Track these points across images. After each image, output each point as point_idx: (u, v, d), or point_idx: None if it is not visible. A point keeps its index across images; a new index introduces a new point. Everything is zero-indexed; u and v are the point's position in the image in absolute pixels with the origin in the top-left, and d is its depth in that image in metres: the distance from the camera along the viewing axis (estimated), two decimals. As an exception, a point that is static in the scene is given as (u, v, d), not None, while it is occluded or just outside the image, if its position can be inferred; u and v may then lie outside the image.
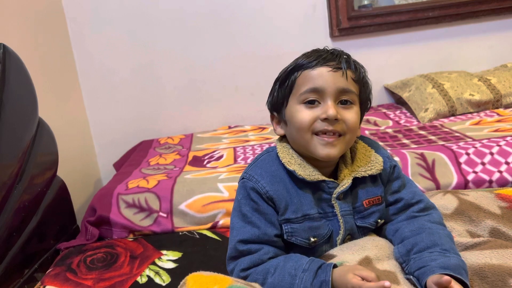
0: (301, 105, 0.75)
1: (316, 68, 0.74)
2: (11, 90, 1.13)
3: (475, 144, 1.32)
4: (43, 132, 1.30)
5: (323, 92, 0.73)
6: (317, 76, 0.74)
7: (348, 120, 0.74)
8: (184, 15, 2.04)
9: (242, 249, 0.75)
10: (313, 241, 0.76)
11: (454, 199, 0.96)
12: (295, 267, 0.70)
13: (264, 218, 0.75)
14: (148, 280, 0.97)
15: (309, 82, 0.74)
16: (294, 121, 0.76)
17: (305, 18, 2.07)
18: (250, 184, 0.77)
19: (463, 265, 0.70)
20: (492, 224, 0.87)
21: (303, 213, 0.76)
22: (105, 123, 2.10)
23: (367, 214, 0.80)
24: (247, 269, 0.74)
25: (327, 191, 0.78)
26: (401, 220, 0.82)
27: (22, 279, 1.10)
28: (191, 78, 2.09)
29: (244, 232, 0.75)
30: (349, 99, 0.75)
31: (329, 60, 0.74)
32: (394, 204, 0.84)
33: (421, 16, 2.07)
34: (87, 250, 1.13)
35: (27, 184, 1.17)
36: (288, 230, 0.76)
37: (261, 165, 0.80)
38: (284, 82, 0.78)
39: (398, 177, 0.84)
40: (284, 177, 0.77)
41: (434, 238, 0.74)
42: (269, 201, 0.76)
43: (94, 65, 2.04)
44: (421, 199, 0.83)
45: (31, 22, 1.63)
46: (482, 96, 1.81)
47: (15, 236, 1.11)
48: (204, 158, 1.61)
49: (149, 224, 1.21)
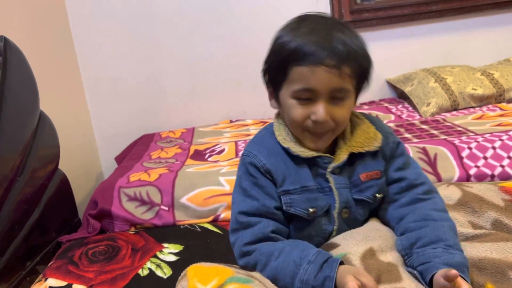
0: (294, 100, 0.74)
1: (309, 66, 0.70)
2: (12, 83, 1.13)
3: (477, 138, 1.32)
4: (44, 125, 1.30)
5: (316, 92, 0.72)
6: (310, 76, 0.71)
7: (338, 118, 0.74)
8: (186, 10, 2.02)
9: (242, 220, 0.76)
10: (311, 211, 0.77)
11: (458, 190, 0.96)
12: (301, 256, 0.70)
13: (263, 191, 0.77)
14: (149, 273, 0.97)
15: (302, 81, 0.72)
16: (287, 114, 0.77)
17: (307, 11, 2.06)
18: (248, 159, 0.79)
19: (465, 262, 0.70)
20: (495, 216, 0.87)
21: (301, 185, 0.77)
22: (106, 117, 2.09)
23: (364, 187, 0.80)
24: (250, 243, 0.74)
25: (322, 166, 0.78)
26: (405, 204, 0.80)
27: (24, 272, 1.11)
28: (193, 72, 2.09)
29: (244, 204, 0.77)
30: (342, 96, 0.74)
31: (324, 55, 0.69)
32: (398, 183, 0.82)
33: (424, 9, 2.06)
34: (88, 243, 1.13)
35: (28, 177, 1.17)
36: (287, 201, 0.77)
37: (258, 141, 0.82)
38: (279, 65, 0.75)
39: (402, 154, 0.83)
40: (281, 152, 0.79)
41: (438, 232, 0.73)
42: (267, 174, 0.77)
43: (96, 58, 2.03)
44: (425, 181, 0.82)
45: (32, 15, 1.63)
46: (484, 90, 1.81)
47: (17, 229, 1.11)
48: (206, 152, 1.61)
49: (150, 217, 1.21)
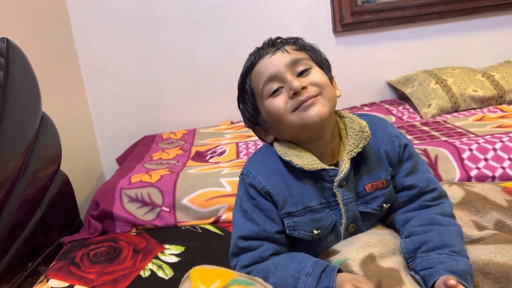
0: (269, 99, 0.75)
1: (259, 61, 0.76)
2: (14, 85, 1.13)
3: (478, 140, 1.32)
4: (46, 127, 1.30)
5: (277, 75, 0.74)
6: (265, 67, 0.75)
7: (314, 80, 0.73)
8: (188, 12, 2.03)
9: (242, 245, 0.75)
10: (316, 233, 0.75)
11: (461, 190, 0.96)
12: (298, 270, 0.69)
13: (264, 214, 0.75)
14: (151, 274, 0.97)
15: (262, 76, 0.75)
16: (271, 115, 0.75)
17: (308, 14, 2.07)
18: (248, 180, 0.77)
19: (470, 270, 0.69)
20: (497, 217, 0.87)
21: (304, 206, 0.75)
22: (108, 118, 2.10)
23: (370, 199, 0.77)
24: (247, 266, 0.74)
25: (328, 179, 0.75)
26: (412, 209, 0.78)
27: (25, 273, 1.11)
28: (194, 73, 2.09)
29: (244, 228, 0.75)
30: (304, 67, 0.75)
31: (265, 49, 0.76)
32: (407, 190, 0.79)
33: (424, 11, 2.06)
34: (90, 244, 1.14)
35: (30, 178, 1.18)
36: (289, 224, 0.75)
37: (258, 159, 0.79)
38: (245, 92, 0.79)
39: (410, 157, 0.80)
40: (282, 170, 0.76)
41: (444, 238, 0.72)
42: (267, 196, 0.75)
43: (97, 60, 2.04)
44: (436, 187, 0.79)
45: (34, 17, 1.63)
46: (485, 92, 1.81)
47: (18, 230, 1.11)
48: (207, 153, 1.61)
49: (152, 219, 1.22)
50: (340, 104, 2.11)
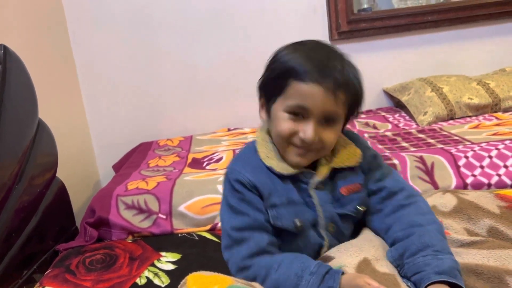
0: (286, 114, 0.75)
1: (309, 83, 0.71)
2: (11, 91, 1.13)
3: (474, 147, 1.33)
4: (43, 133, 1.30)
5: (309, 111, 0.73)
6: (307, 94, 0.72)
7: (326, 140, 0.75)
8: (186, 18, 2.04)
9: (235, 236, 0.76)
10: (298, 224, 0.77)
11: (453, 198, 0.96)
12: (302, 268, 0.70)
13: (251, 206, 0.77)
14: (147, 282, 0.97)
15: (299, 98, 0.73)
16: (276, 126, 0.77)
17: (305, 21, 2.08)
18: (233, 176, 0.78)
19: (456, 265, 0.71)
20: (490, 223, 0.88)
21: (287, 198, 0.78)
22: (104, 125, 2.10)
23: (346, 201, 0.81)
24: (247, 258, 0.74)
25: (305, 181, 0.79)
26: (389, 213, 0.81)
27: (21, 280, 1.10)
28: (191, 80, 2.10)
29: (235, 220, 0.77)
30: (333, 120, 0.75)
31: (323, 76, 0.71)
32: (378, 193, 0.84)
33: (420, 20, 2.08)
34: (86, 251, 1.13)
35: (26, 185, 1.17)
36: (273, 214, 0.77)
37: (242, 158, 0.83)
38: (276, 79, 0.76)
39: (379, 166, 0.86)
40: (265, 169, 0.79)
41: (424, 239, 0.74)
42: (253, 189, 0.77)
43: (94, 66, 2.04)
44: (404, 187, 0.84)
45: (31, 23, 1.63)
46: (480, 100, 1.82)
47: (14, 237, 1.11)
48: (204, 160, 1.61)
49: (148, 226, 1.21)
50: (337, 112, 2.13)
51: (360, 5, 2.14)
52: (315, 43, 0.80)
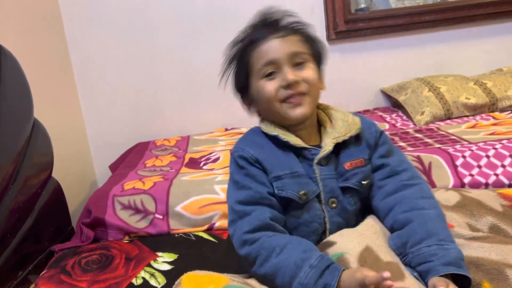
0: (263, 79, 0.80)
1: (264, 41, 0.81)
2: (6, 91, 1.13)
3: (471, 147, 1.33)
4: (38, 133, 1.29)
5: (277, 62, 0.79)
6: (267, 50, 0.80)
7: (307, 77, 0.80)
8: (183, 18, 2.03)
9: (238, 209, 0.77)
10: (303, 193, 0.79)
11: (457, 194, 0.97)
12: (302, 258, 0.69)
13: (255, 180, 0.79)
14: (143, 282, 0.96)
15: (262, 58, 0.80)
16: (261, 96, 0.81)
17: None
18: (237, 153, 0.82)
19: (461, 255, 0.71)
20: (492, 221, 0.88)
21: (291, 170, 0.80)
22: (101, 125, 2.09)
23: (349, 175, 0.82)
24: (249, 232, 0.75)
25: (309, 157, 0.81)
26: (391, 192, 0.82)
27: (15, 281, 1.10)
28: (188, 80, 2.09)
29: (238, 194, 0.79)
30: (302, 60, 0.81)
31: (273, 29, 0.82)
32: (381, 169, 0.85)
33: (417, 20, 2.08)
34: (82, 252, 1.12)
35: (21, 185, 1.16)
36: (278, 185, 0.79)
37: (246, 137, 0.86)
38: (240, 62, 0.85)
39: (385, 143, 0.87)
40: (269, 144, 0.82)
41: (427, 227, 0.74)
42: (255, 163, 0.80)
43: (91, 65, 2.03)
44: (408, 168, 0.85)
45: (27, 23, 1.62)
46: (478, 99, 1.82)
47: (9, 238, 1.10)
48: (201, 160, 1.61)
49: (144, 226, 1.20)
50: (334, 111, 2.13)
51: (358, 5, 2.14)
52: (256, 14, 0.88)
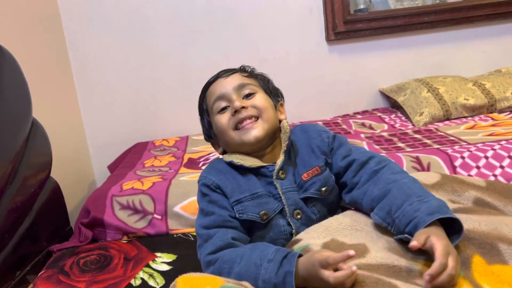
0: (217, 115, 0.87)
1: (214, 82, 0.90)
2: (4, 90, 1.12)
3: (470, 148, 1.33)
4: (37, 133, 1.29)
5: (225, 95, 0.86)
6: (216, 88, 0.89)
7: (255, 103, 0.85)
8: (181, 18, 2.03)
9: (202, 233, 0.81)
10: (263, 213, 0.81)
11: (437, 174, 0.93)
12: (260, 257, 0.71)
13: (217, 205, 0.83)
14: (142, 283, 0.96)
15: (213, 94, 0.88)
16: (218, 130, 0.87)
17: (301, 22, 2.08)
18: (200, 182, 0.86)
19: (442, 203, 0.72)
20: (476, 195, 0.84)
21: (250, 192, 0.83)
22: (99, 125, 2.08)
23: (308, 185, 0.85)
24: (213, 252, 0.77)
25: (268, 174, 0.85)
26: (365, 181, 0.83)
27: (13, 281, 1.09)
28: (187, 80, 2.09)
29: (203, 220, 0.82)
30: (250, 91, 0.87)
31: (219, 74, 0.91)
32: (349, 167, 0.86)
33: (416, 21, 2.08)
34: (80, 252, 1.12)
35: (19, 185, 1.16)
36: (239, 209, 0.82)
37: (210, 166, 0.90)
38: (202, 109, 0.93)
39: (342, 144, 0.89)
40: (229, 170, 0.86)
41: (405, 190, 0.75)
42: (217, 189, 0.84)
43: (89, 66, 2.03)
44: (373, 155, 0.86)
45: (26, 23, 1.62)
46: (476, 100, 1.83)
47: (7, 238, 1.10)
48: (200, 160, 1.60)
49: (143, 226, 1.20)
50: (334, 112, 2.13)
51: (357, 6, 2.14)
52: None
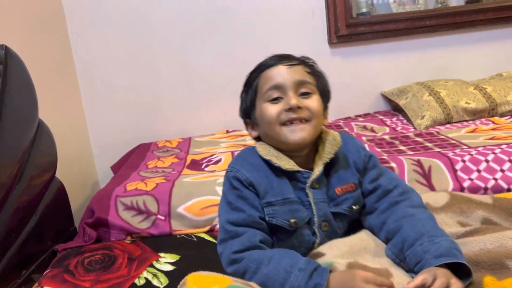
0: (267, 103, 0.83)
1: (274, 67, 0.84)
2: (12, 91, 1.14)
3: (470, 151, 1.34)
4: (42, 134, 1.30)
5: (283, 87, 0.82)
6: (275, 74, 0.83)
7: (310, 106, 0.82)
8: (184, 19, 2.05)
9: (230, 229, 0.79)
10: (293, 222, 0.80)
11: (446, 194, 0.95)
12: (291, 264, 0.71)
13: (247, 203, 0.80)
14: (146, 282, 0.97)
15: (270, 81, 0.83)
16: (263, 118, 0.83)
17: (304, 24, 2.09)
18: (231, 174, 0.83)
19: (453, 245, 0.72)
20: (483, 215, 0.86)
21: (283, 197, 0.81)
22: (103, 126, 2.10)
23: (340, 201, 0.84)
24: (238, 251, 0.76)
25: (302, 180, 0.83)
26: (384, 210, 0.84)
27: (19, 280, 1.10)
28: (190, 81, 2.10)
29: (231, 215, 0.80)
30: (308, 90, 0.83)
31: (284, 58, 0.85)
32: (374, 192, 0.86)
33: (418, 24, 2.09)
34: (84, 251, 1.13)
35: (26, 185, 1.17)
36: (269, 212, 0.80)
37: (241, 157, 0.87)
38: (250, 86, 0.87)
39: (374, 166, 0.89)
40: (264, 166, 0.83)
41: (418, 228, 0.76)
42: (249, 186, 0.81)
43: (94, 67, 2.04)
44: (398, 184, 0.86)
45: (31, 24, 1.64)
46: (477, 104, 1.84)
47: (13, 237, 1.11)
48: (202, 161, 1.62)
49: (147, 227, 1.22)
50: (335, 115, 2.14)
51: (359, 9, 2.15)
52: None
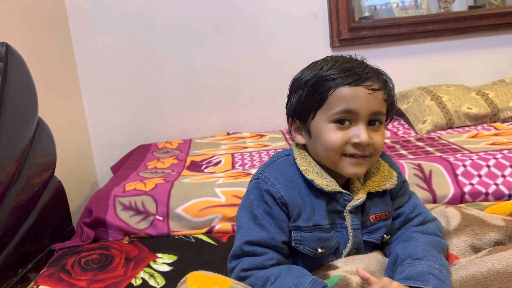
0: (331, 124, 0.73)
1: (352, 87, 0.71)
2: (12, 89, 1.14)
3: (472, 156, 1.33)
4: (42, 132, 1.30)
5: (357, 114, 0.72)
6: (353, 97, 0.71)
7: (377, 143, 0.74)
8: (185, 21, 2.05)
9: (247, 250, 0.73)
10: (320, 252, 0.76)
11: (457, 213, 0.92)
12: (296, 283, 0.69)
13: (275, 223, 0.74)
14: (142, 283, 0.96)
15: (344, 102, 0.71)
16: (323, 140, 0.74)
17: (306, 28, 2.09)
18: (265, 186, 0.75)
19: (429, 270, 0.69)
20: (496, 238, 0.84)
21: (314, 223, 0.75)
22: (103, 126, 2.10)
23: (374, 229, 0.80)
24: (247, 270, 0.73)
25: (341, 203, 0.77)
26: (398, 235, 0.81)
27: (15, 279, 1.10)
28: (191, 83, 2.10)
29: (253, 233, 0.74)
30: (378, 120, 0.75)
31: (365, 79, 0.72)
32: (397, 219, 0.83)
33: (420, 29, 2.09)
34: (82, 251, 1.12)
35: (24, 184, 1.17)
36: (297, 237, 0.75)
37: (277, 168, 0.78)
38: (314, 93, 0.74)
39: (405, 193, 0.85)
40: (300, 183, 0.76)
41: (408, 250, 0.74)
42: (283, 206, 0.75)
43: (95, 67, 2.04)
44: (421, 212, 0.83)
45: (33, 22, 1.64)
46: (479, 109, 1.83)
47: (10, 235, 1.10)
48: (202, 163, 1.61)
49: (145, 227, 1.21)
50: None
51: (362, 13, 2.15)
52: (340, 56, 0.78)
